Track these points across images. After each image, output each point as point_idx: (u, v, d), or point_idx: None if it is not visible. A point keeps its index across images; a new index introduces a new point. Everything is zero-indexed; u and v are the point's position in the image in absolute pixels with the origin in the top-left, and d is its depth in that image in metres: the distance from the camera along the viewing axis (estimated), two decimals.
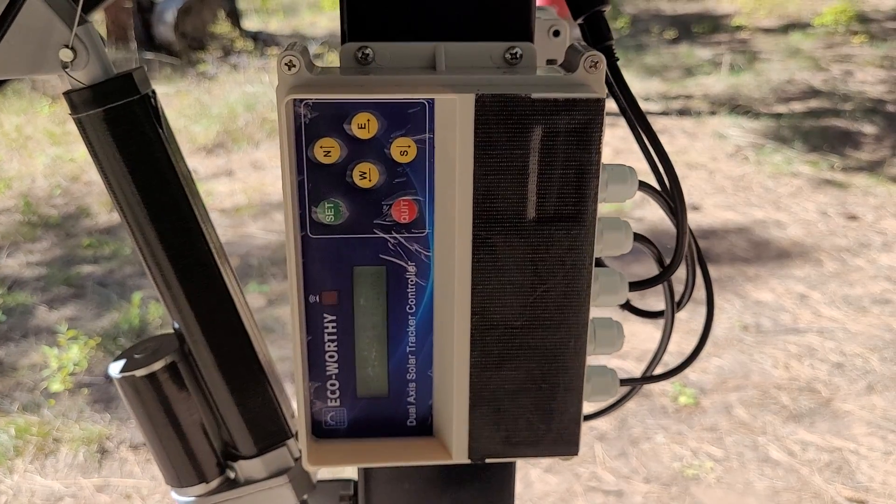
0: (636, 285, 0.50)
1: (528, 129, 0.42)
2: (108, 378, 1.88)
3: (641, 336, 3.02)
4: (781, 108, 5.78)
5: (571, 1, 0.48)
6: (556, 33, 0.55)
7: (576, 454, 0.49)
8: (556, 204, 0.44)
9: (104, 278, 3.66)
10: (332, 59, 6.81)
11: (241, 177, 4.86)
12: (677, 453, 2.49)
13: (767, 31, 8.10)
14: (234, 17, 7.84)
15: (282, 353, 2.88)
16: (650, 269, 0.57)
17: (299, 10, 10.88)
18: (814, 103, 5.88)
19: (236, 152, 5.26)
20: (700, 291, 0.55)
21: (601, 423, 2.61)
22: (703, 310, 0.55)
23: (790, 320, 3.20)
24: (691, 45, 7.66)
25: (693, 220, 4.10)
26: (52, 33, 0.48)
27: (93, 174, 4.97)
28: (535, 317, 0.46)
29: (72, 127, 5.77)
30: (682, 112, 5.74)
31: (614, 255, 0.48)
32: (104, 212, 4.42)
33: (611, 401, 0.55)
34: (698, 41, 7.84)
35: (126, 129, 0.50)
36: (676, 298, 0.53)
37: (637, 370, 2.89)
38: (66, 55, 0.48)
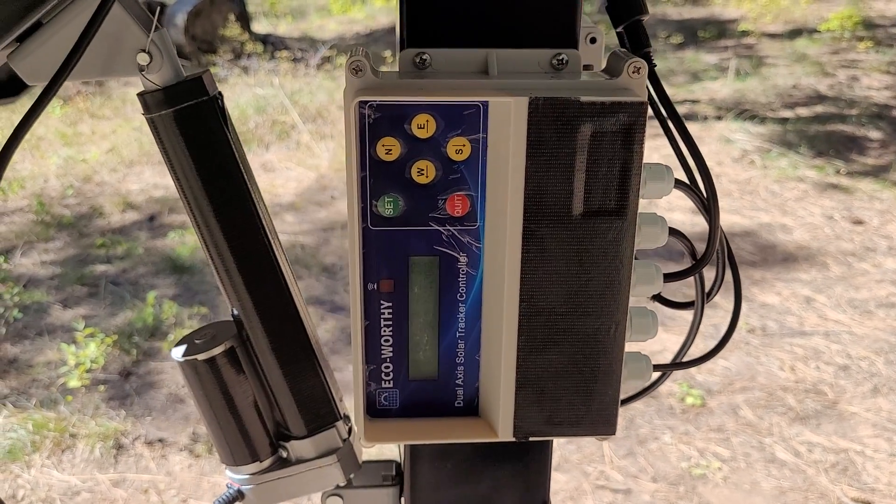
0: (670, 276, 0.53)
1: (577, 130, 0.46)
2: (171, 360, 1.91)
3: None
4: (787, 113, 5.81)
5: (612, 10, 0.52)
6: (593, 40, 0.58)
7: (613, 434, 0.53)
8: (600, 199, 0.47)
9: (117, 277, 3.70)
10: (342, 62, 6.85)
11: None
12: (684, 453, 2.52)
13: (773, 36, 8.13)
14: (244, 20, 7.90)
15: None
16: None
17: (308, 13, 10.93)
18: (820, 108, 5.91)
19: (247, 154, 5.30)
20: (726, 289, 0.59)
21: None
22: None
23: (796, 323, 3.23)
24: (697, 51, 7.70)
25: (700, 223, 4.14)
26: (129, 38, 0.52)
27: (105, 175, 5.01)
28: (579, 304, 0.49)
29: (83, 128, 5.82)
30: (689, 116, 5.77)
31: (651, 247, 0.51)
32: (117, 212, 4.47)
33: (643, 385, 0.58)
34: (704, 46, 7.87)
35: (195, 128, 0.53)
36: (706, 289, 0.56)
37: None
38: (142, 59, 0.51)
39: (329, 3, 11.02)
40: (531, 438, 0.52)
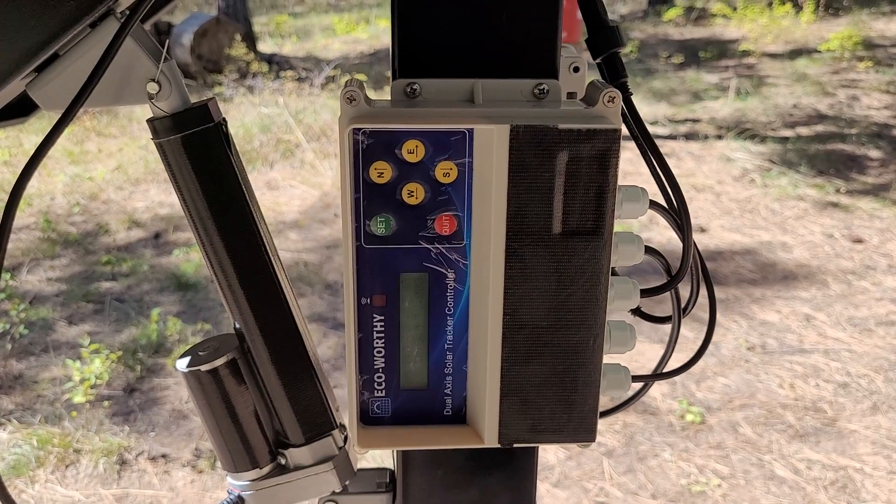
0: (647, 292, 0.57)
1: (555, 155, 0.49)
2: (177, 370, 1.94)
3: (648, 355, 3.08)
4: (788, 133, 5.85)
5: (591, 43, 0.55)
6: (576, 69, 0.62)
7: (593, 441, 0.56)
8: (578, 220, 0.51)
9: (122, 294, 3.74)
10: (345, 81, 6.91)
11: (256, 197, 4.95)
12: (684, 470, 2.53)
13: (774, 56, 8.20)
14: (250, 40, 7.99)
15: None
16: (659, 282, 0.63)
17: (313, 33, 11.05)
18: (820, 128, 5.95)
19: (251, 173, 5.36)
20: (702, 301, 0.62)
21: (609, 440, 2.66)
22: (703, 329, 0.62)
23: (796, 341, 3.25)
24: (698, 70, 7.76)
25: (700, 241, 4.16)
26: (139, 68, 0.56)
27: (111, 193, 5.07)
28: (559, 318, 0.53)
29: (90, 146, 5.88)
30: (690, 136, 5.82)
31: (627, 265, 0.55)
32: (122, 229, 4.51)
33: (625, 397, 0.61)
34: (705, 66, 7.94)
35: (201, 152, 0.57)
36: (682, 305, 0.59)
37: None
38: (152, 88, 0.55)
39: (334, 23, 11.14)
40: (515, 445, 0.55)
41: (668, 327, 0.59)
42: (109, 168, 5.46)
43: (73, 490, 2.48)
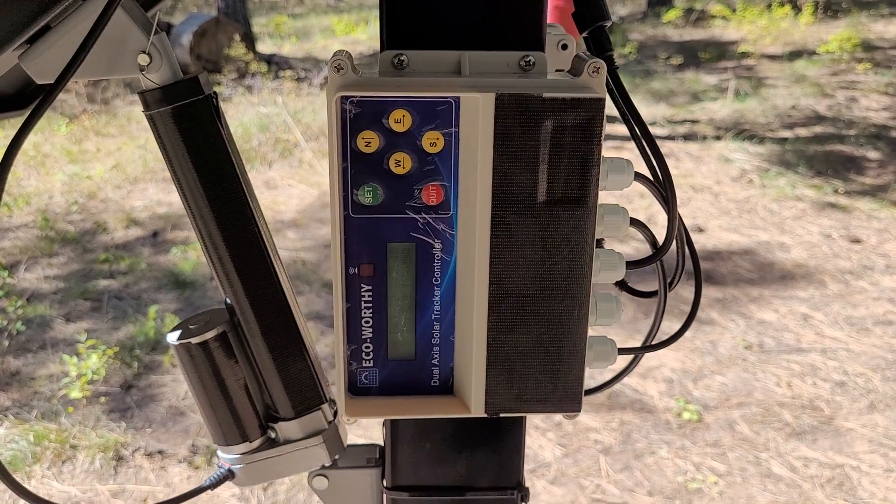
0: (633, 264, 0.57)
1: (540, 124, 0.50)
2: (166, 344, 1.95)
3: None
4: (786, 134, 5.86)
5: (578, 17, 0.56)
6: (564, 47, 0.62)
7: (578, 411, 0.56)
8: (562, 188, 0.51)
9: (120, 292, 3.75)
10: None
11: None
12: (681, 467, 2.53)
13: (773, 57, 8.21)
14: (249, 40, 8.00)
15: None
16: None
17: (312, 34, 11.07)
18: (818, 129, 5.96)
19: (250, 172, 5.36)
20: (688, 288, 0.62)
21: (606, 437, 2.66)
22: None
23: (793, 340, 3.25)
24: (697, 72, 7.77)
25: (698, 241, 4.17)
26: (130, 40, 0.56)
27: (109, 191, 5.07)
28: (544, 287, 0.53)
29: (89, 146, 5.89)
30: (688, 136, 5.82)
31: (613, 236, 0.55)
32: (120, 228, 4.52)
33: (617, 370, 0.62)
34: (704, 67, 7.95)
35: (190, 125, 0.57)
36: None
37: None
38: (143, 59, 0.56)
39: (333, 23, 11.16)
40: (502, 415, 0.56)
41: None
42: (108, 167, 5.47)
43: (70, 486, 2.48)
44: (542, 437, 2.64)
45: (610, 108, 0.55)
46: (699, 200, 4.73)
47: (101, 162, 5.60)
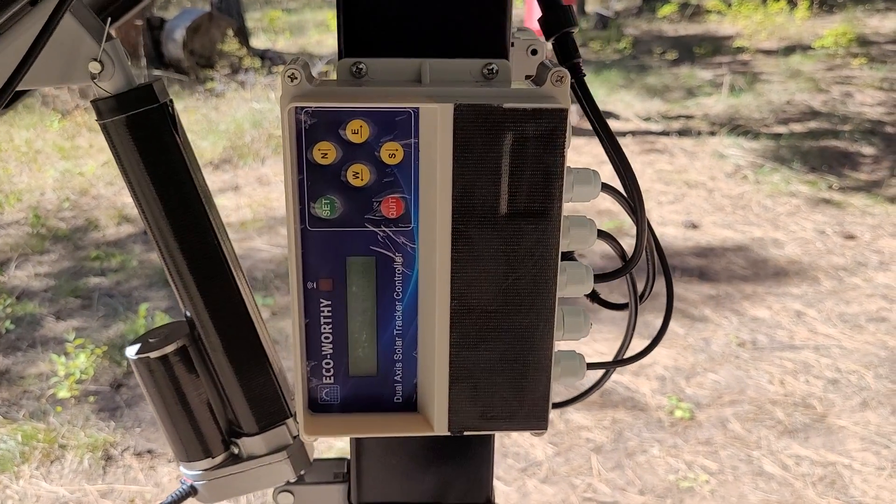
0: (601, 277, 0.55)
1: (501, 135, 0.48)
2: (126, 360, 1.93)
3: None
4: (781, 129, 5.85)
5: (543, 23, 0.54)
6: (534, 52, 0.61)
7: (545, 429, 0.55)
8: (525, 201, 0.49)
9: (111, 290, 3.73)
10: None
11: (247, 192, 4.94)
12: (672, 466, 2.53)
13: (768, 52, 8.19)
14: (243, 35, 7.96)
15: (286, 363, 2.93)
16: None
17: (306, 29, 11.03)
18: (813, 124, 5.95)
19: (242, 168, 5.35)
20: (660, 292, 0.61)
21: (598, 436, 2.65)
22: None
23: (786, 337, 3.24)
24: (692, 67, 7.75)
25: (692, 237, 4.16)
26: (82, 47, 0.55)
27: (101, 188, 5.05)
28: (508, 302, 0.51)
29: (81, 142, 5.86)
30: (683, 132, 5.81)
31: (581, 248, 0.54)
32: (112, 224, 4.49)
33: (588, 386, 0.60)
34: (699, 62, 7.93)
35: (145, 133, 0.56)
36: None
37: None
38: (94, 67, 0.54)
39: (327, 19, 11.12)
40: (466, 433, 0.54)
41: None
42: (100, 163, 5.44)
43: (58, 486, 2.47)
44: (533, 435, 2.63)
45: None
46: (693, 196, 4.72)
47: (94, 158, 5.57)
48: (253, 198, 4.81)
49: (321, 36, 10.44)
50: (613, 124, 5.31)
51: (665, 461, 2.55)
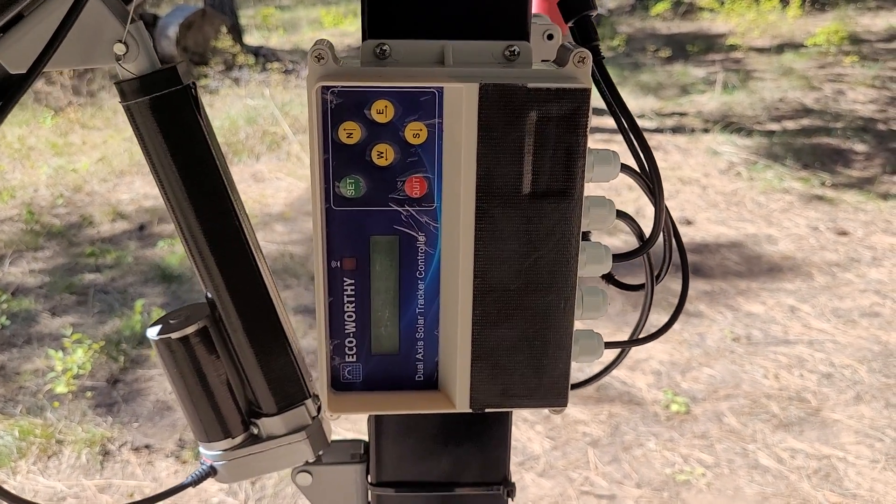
0: (619, 257, 0.56)
1: (524, 115, 0.49)
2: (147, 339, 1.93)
3: None
4: (774, 126, 5.88)
5: (563, 6, 0.55)
6: (550, 37, 0.61)
7: (565, 406, 0.55)
8: (547, 181, 0.50)
9: (106, 286, 3.72)
10: None
11: (242, 189, 4.93)
12: (669, 459, 2.54)
13: (761, 50, 8.23)
14: (236, 32, 7.94)
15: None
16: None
17: (300, 26, 11.01)
18: (806, 121, 5.98)
19: (237, 165, 5.34)
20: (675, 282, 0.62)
21: (594, 430, 2.67)
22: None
23: (781, 332, 3.26)
24: (686, 64, 7.78)
25: (686, 234, 4.18)
26: (106, 28, 0.55)
27: (95, 185, 5.03)
28: (529, 281, 0.52)
29: (74, 138, 5.84)
30: (676, 129, 5.83)
31: (599, 228, 0.54)
32: (106, 221, 4.48)
33: (605, 364, 0.61)
34: (693, 60, 7.96)
35: (169, 115, 0.56)
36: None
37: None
38: (119, 49, 0.54)
39: (321, 16, 11.10)
40: (487, 410, 0.55)
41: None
42: (94, 160, 5.42)
43: (56, 481, 2.46)
44: (530, 429, 2.64)
45: (599, 101, 0.54)
46: (687, 193, 4.74)
47: (87, 155, 5.55)
48: (248, 195, 4.80)
49: (315, 33, 10.41)
50: (608, 122, 5.31)
51: (661, 455, 2.57)
